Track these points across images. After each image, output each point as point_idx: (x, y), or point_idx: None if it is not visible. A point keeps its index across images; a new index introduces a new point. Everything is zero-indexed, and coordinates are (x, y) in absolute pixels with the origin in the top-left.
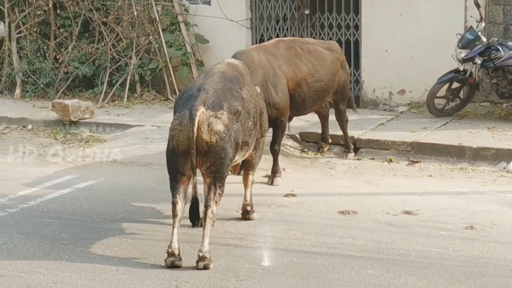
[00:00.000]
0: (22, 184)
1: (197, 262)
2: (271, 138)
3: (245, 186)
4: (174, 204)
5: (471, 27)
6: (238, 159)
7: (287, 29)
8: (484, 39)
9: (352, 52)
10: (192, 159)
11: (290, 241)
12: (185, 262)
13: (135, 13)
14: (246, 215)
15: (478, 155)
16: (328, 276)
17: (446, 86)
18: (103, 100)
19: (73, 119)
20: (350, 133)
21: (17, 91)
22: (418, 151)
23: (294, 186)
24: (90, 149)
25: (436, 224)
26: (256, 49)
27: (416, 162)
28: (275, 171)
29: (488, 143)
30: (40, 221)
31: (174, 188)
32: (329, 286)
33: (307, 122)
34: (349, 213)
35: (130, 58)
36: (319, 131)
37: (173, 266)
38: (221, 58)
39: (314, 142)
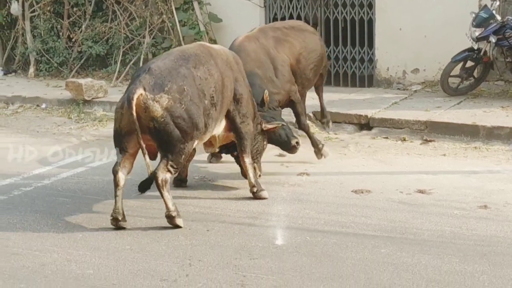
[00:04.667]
0: (36, 163)
1: (166, 219)
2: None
3: (244, 169)
4: (114, 173)
5: (485, 5)
6: (203, 137)
7: (300, 7)
8: (498, 17)
9: (366, 30)
10: (139, 140)
11: (303, 220)
12: (198, 240)
13: None
14: (255, 195)
15: (492, 134)
16: (342, 255)
17: (460, 65)
18: (117, 79)
19: (87, 98)
20: (364, 112)
21: (31, 70)
22: (432, 130)
23: (307, 165)
24: (104, 128)
25: (450, 203)
26: (248, 40)
27: (430, 141)
28: (315, 144)
29: (502, 122)
30: (54, 200)
31: (117, 159)
32: (342, 265)
33: None
34: (362, 192)
35: (144, 37)
36: (333, 110)
37: (117, 227)
38: (234, 37)
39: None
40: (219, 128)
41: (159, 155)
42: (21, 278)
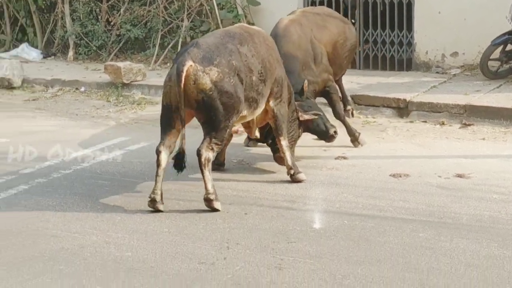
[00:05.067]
0: (76, 146)
1: (204, 202)
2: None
3: (281, 152)
4: (157, 154)
5: None
6: (247, 114)
7: None
8: None
9: (405, 13)
10: (181, 112)
11: (341, 204)
12: (236, 224)
13: None
14: (292, 178)
15: None
16: (379, 239)
17: (500, 48)
18: (155, 62)
19: (125, 81)
20: (403, 95)
21: (70, 53)
22: (471, 114)
23: (345, 148)
24: (142, 111)
25: (489, 188)
26: (292, 25)
27: (469, 125)
28: (352, 133)
29: None
30: (93, 183)
31: (161, 139)
32: (380, 249)
33: (359, 84)
34: (400, 176)
35: (182, 20)
36: (371, 93)
37: (155, 210)
38: (273, 20)
39: (366, 105)
40: (261, 107)
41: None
42: (61, 260)
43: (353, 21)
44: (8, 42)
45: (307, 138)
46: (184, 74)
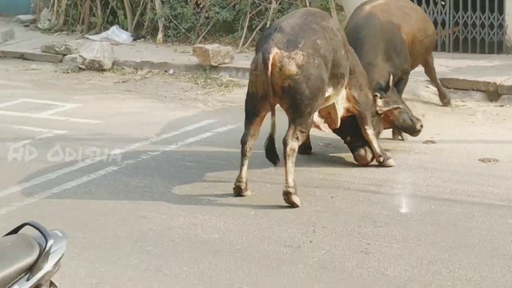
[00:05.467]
0: (164, 128)
1: (283, 195)
2: None
3: (368, 141)
4: (243, 143)
5: None
6: (332, 94)
7: None
8: None
9: None
10: (270, 100)
11: (428, 188)
12: (322, 207)
13: None
14: (381, 164)
15: None
16: (467, 225)
17: None
18: (243, 44)
19: (213, 64)
20: (493, 79)
21: (159, 35)
22: None
23: (434, 132)
24: (230, 93)
25: None
26: (375, 12)
27: None
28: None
29: None
30: (180, 165)
31: (246, 128)
32: (468, 235)
33: (448, 67)
34: (489, 161)
35: (270, 3)
36: (460, 77)
37: (239, 196)
38: (361, 3)
39: (455, 88)
40: (342, 93)
41: None
42: (149, 241)
43: (443, 3)
44: (99, 25)
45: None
46: (270, 62)
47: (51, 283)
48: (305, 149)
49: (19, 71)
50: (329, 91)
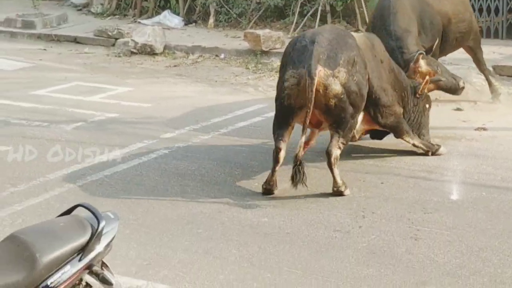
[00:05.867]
0: (214, 112)
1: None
2: None
3: (414, 146)
4: (277, 150)
5: None
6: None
7: None
8: None
9: None
10: (306, 120)
11: (479, 176)
12: (372, 193)
13: None
14: (433, 154)
15: None
16: None
17: None
18: (294, 30)
19: (264, 49)
20: None
21: (211, 20)
22: None
23: (486, 120)
24: None
25: None
26: None
27: None
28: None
29: None
30: (231, 149)
31: (279, 135)
32: None
33: (501, 54)
34: None
35: None
36: None
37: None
38: None
39: (508, 76)
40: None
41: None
42: (199, 224)
43: None
44: (151, 9)
45: (447, 107)
46: (316, 81)
47: (103, 264)
48: (352, 137)
49: (72, 54)
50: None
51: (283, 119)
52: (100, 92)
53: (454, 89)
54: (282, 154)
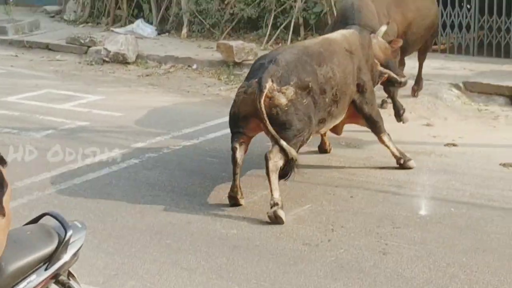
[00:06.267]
0: (186, 123)
1: (268, 213)
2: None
3: (386, 147)
4: (233, 150)
5: None
6: (318, 131)
7: None
8: None
9: None
10: (268, 128)
11: (448, 191)
12: (341, 207)
13: None
14: (402, 166)
15: None
16: (486, 229)
17: None
18: (267, 42)
19: (237, 60)
20: (507, 83)
21: (184, 30)
22: None
23: (456, 135)
24: None
25: None
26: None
27: None
28: (397, 109)
29: None
30: (201, 160)
31: (233, 141)
32: (487, 239)
33: (471, 71)
34: (510, 166)
35: (295, 1)
36: (484, 81)
37: (235, 205)
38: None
39: (478, 92)
40: (339, 120)
41: None
42: (168, 234)
43: (468, 6)
44: (124, 18)
45: (417, 123)
46: (264, 94)
47: (70, 273)
48: (325, 151)
49: (44, 61)
50: (317, 129)
51: (234, 127)
52: (71, 100)
53: (394, 80)
54: (238, 155)
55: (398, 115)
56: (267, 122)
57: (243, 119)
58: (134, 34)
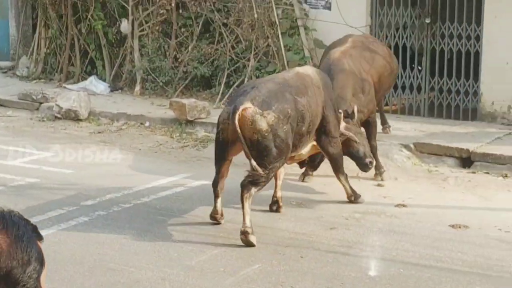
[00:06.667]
0: (137, 180)
1: (240, 235)
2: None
3: (341, 185)
4: (214, 184)
5: None
6: (294, 156)
7: (406, 37)
8: None
9: (472, 63)
10: (245, 149)
11: (398, 252)
12: (291, 266)
13: (256, 15)
14: (352, 202)
15: None
16: None
17: None
18: (220, 100)
19: (190, 118)
20: (466, 145)
21: (137, 88)
22: None
23: (406, 196)
24: (205, 149)
25: None
26: (344, 57)
27: None
28: (378, 167)
29: None
30: (152, 218)
31: (217, 171)
32: None
33: (422, 132)
34: (460, 227)
35: (249, 60)
36: (434, 142)
37: (216, 223)
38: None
39: (428, 153)
40: (305, 150)
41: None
42: None
43: (419, 68)
44: (77, 75)
45: (368, 183)
46: (239, 112)
47: None
48: (277, 207)
49: None
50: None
51: (219, 154)
52: (21, 156)
53: (360, 162)
54: (219, 188)
55: (380, 172)
56: (243, 140)
57: (228, 145)
58: (87, 90)
